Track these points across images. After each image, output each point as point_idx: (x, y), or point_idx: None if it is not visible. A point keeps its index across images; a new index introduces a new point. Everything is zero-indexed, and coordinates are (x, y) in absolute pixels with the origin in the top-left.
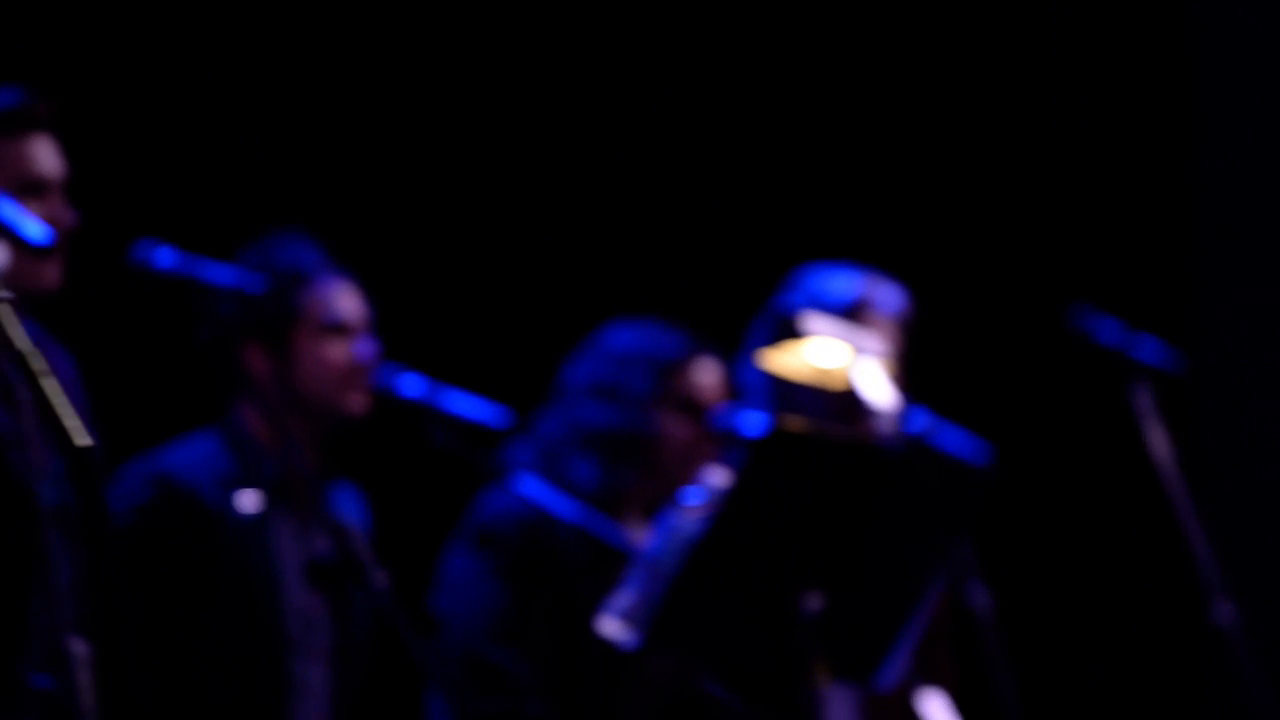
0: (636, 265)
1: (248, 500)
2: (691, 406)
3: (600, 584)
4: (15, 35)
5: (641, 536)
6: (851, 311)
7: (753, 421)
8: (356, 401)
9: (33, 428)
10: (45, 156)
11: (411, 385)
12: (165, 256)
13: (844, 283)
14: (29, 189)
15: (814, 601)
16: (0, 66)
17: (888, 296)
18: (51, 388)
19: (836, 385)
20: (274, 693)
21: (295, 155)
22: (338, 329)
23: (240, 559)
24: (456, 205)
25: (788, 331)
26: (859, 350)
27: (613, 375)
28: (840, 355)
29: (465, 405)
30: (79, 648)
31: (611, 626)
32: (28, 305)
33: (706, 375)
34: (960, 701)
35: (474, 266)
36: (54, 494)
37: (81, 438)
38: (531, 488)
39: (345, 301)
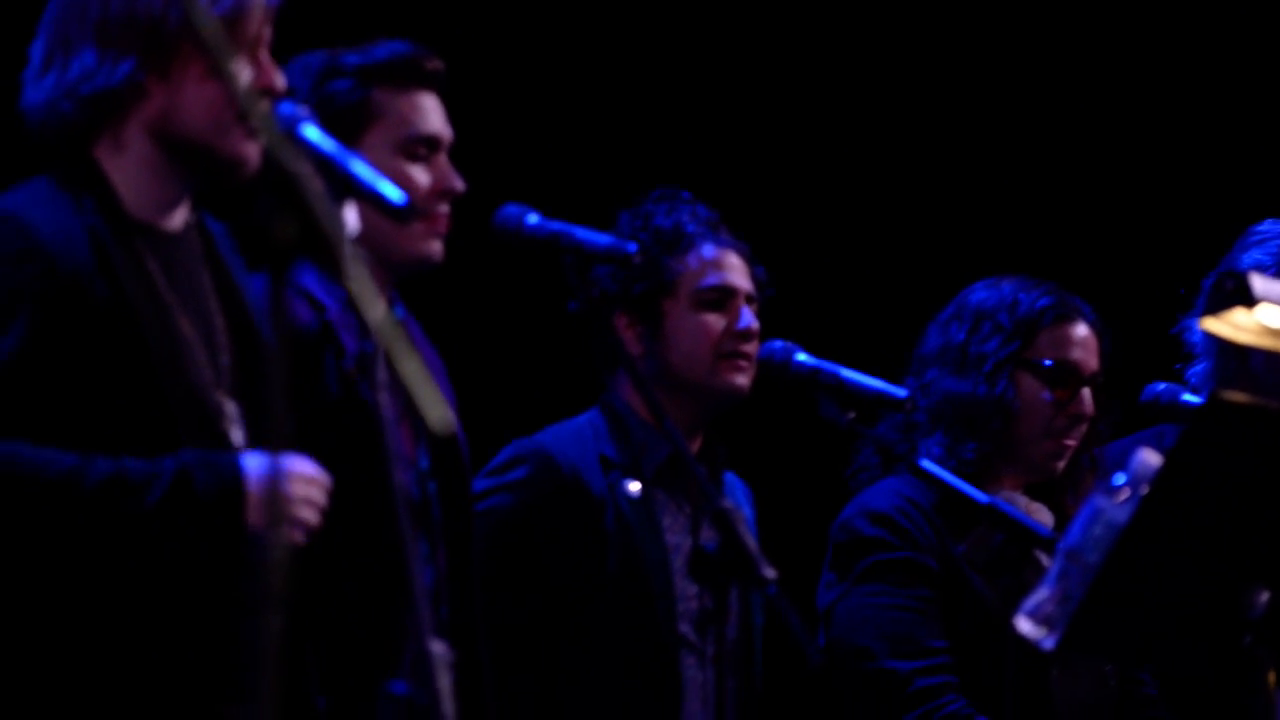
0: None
1: (632, 484)
2: (1051, 370)
3: (1017, 574)
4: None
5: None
6: None
7: (1187, 394)
8: (734, 378)
9: (394, 412)
10: (434, 114)
11: (799, 359)
12: (532, 219)
13: None
14: (414, 146)
15: (1262, 598)
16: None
17: None
18: (413, 366)
19: None
20: (661, 692)
21: (674, 121)
22: (714, 299)
23: (627, 546)
24: (836, 173)
25: (1235, 293)
26: None
27: (960, 338)
28: None
29: (861, 379)
30: (439, 649)
31: (1028, 625)
32: (400, 280)
33: (1069, 337)
34: None
35: (852, 231)
36: (415, 487)
37: (443, 424)
38: (911, 476)
39: (725, 269)
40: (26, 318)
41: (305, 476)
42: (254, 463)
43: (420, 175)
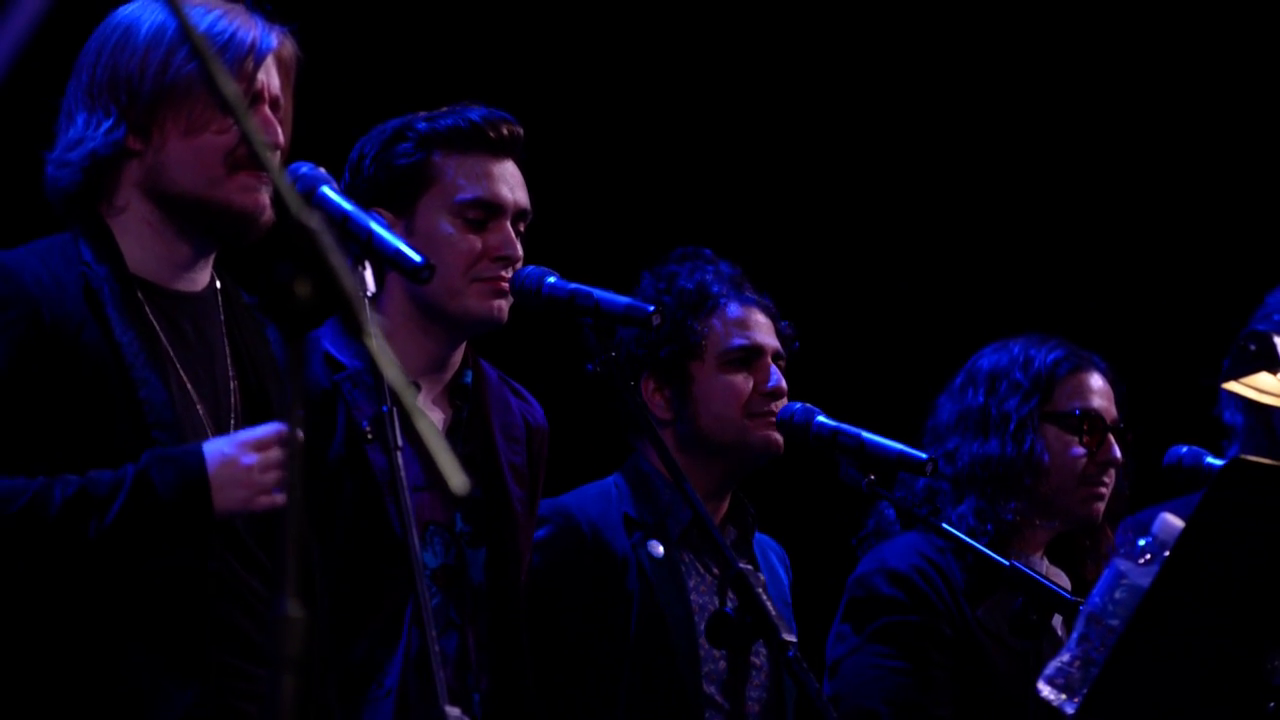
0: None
1: (656, 545)
2: (1078, 418)
3: (1037, 638)
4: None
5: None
6: None
7: (1210, 457)
8: (768, 434)
9: (420, 476)
10: (495, 180)
11: (820, 421)
12: (550, 280)
13: None
14: (466, 210)
15: None
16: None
17: None
18: (427, 427)
19: None
20: None
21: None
22: (741, 358)
23: (650, 606)
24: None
25: (1259, 355)
26: None
27: (979, 402)
28: None
29: (881, 442)
30: (454, 714)
31: (1049, 690)
32: (470, 338)
33: (1087, 385)
34: None
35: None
36: (443, 551)
37: (461, 488)
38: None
39: (751, 328)
40: (3, 359)
41: (258, 442)
42: (214, 446)
43: (471, 240)
